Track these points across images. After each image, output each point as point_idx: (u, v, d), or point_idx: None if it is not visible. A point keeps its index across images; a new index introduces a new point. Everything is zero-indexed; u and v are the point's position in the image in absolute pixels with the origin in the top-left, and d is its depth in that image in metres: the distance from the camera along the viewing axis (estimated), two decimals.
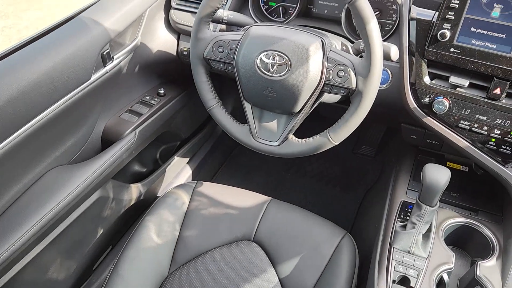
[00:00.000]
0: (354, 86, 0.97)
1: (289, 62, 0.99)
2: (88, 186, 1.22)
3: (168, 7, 1.45)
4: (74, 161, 1.29)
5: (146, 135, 1.45)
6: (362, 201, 1.93)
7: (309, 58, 0.98)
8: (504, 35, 0.99)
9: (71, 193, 1.17)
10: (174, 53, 1.51)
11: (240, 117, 1.12)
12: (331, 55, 1.00)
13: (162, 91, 1.54)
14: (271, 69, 1.01)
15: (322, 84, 1.00)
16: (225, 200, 1.34)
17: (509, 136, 1.04)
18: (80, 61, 1.14)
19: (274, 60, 1.00)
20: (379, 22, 1.25)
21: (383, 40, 1.22)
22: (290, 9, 1.37)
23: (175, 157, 1.81)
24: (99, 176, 1.26)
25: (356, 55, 1.09)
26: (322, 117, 1.51)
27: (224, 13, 1.18)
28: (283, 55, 0.99)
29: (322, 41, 1.00)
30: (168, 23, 1.47)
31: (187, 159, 1.91)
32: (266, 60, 1.01)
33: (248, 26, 1.08)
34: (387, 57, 1.01)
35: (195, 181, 1.40)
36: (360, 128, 1.04)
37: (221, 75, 1.16)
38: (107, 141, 1.37)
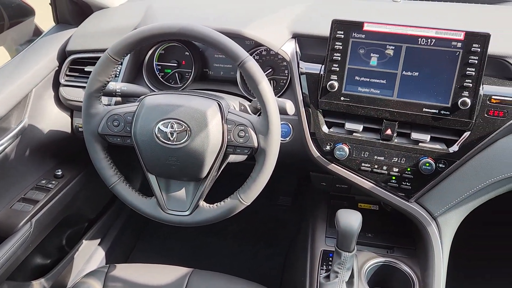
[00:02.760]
0: (256, 145, 0.98)
1: (189, 129, 0.97)
2: None
3: (57, 84, 1.38)
4: None
5: (45, 223, 1.31)
6: (287, 253, 1.91)
7: (208, 122, 0.97)
8: (385, 80, 1.07)
9: None
10: (69, 130, 1.42)
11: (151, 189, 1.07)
12: (229, 116, 1.00)
13: (59, 173, 1.42)
14: (171, 138, 0.98)
15: (225, 146, 1.00)
16: (143, 280, 1.23)
17: (407, 172, 1.10)
18: None
19: (173, 128, 0.98)
20: (273, 79, 1.30)
21: (280, 96, 1.27)
22: (186, 74, 1.37)
23: (83, 240, 1.66)
24: None
25: (255, 113, 1.11)
26: (236, 175, 1.50)
27: (117, 85, 1.14)
28: (181, 122, 0.98)
29: (218, 104, 1.00)
30: (59, 101, 1.39)
31: (98, 240, 1.76)
32: (164, 129, 0.98)
33: (142, 97, 1.05)
34: (283, 112, 1.03)
35: (107, 265, 1.28)
36: (274, 180, 1.03)
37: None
38: None
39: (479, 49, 0.99)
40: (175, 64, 1.37)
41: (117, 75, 1.30)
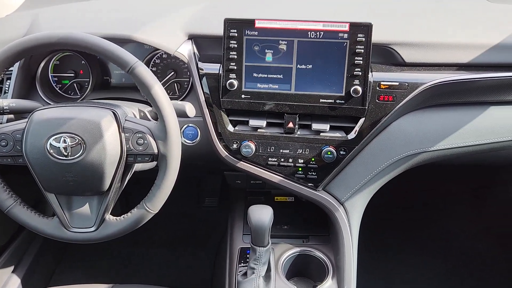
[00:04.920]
0: (156, 151, 0.96)
1: (83, 142, 0.93)
2: None
3: None
4: None
5: None
6: (216, 255, 1.90)
7: (103, 133, 0.94)
8: (281, 75, 1.09)
9: None
10: None
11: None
12: (126, 124, 0.97)
13: None
14: (64, 153, 0.93)
15: (125, 156, 0.97)
16: None
17: (311, 162, 1.13)
18: None
19: (66, 143, 0.93)
20: (176, 82, 1.28)
21: (184, 98, 1.25)
22: (86, 83, 1.31)
23: None
24: None
25: (156, 119, 1.08)
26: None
27: (4, 102, 1.06)
28: (74, 135, 0.93)
29: (114, 113, 0.97)
30: None
31: (11, 268, 1.64)
32: (56, 144, 0.93)
33: (31, 112, 0.99)
34: (182, 115, 1.02)
35: None
36: (198, 182, 1.01)
37: None
38: None
39: (364, 39, 1.04)
40: (72, 74, 1.30)
41: (6, 91, 1.21)
